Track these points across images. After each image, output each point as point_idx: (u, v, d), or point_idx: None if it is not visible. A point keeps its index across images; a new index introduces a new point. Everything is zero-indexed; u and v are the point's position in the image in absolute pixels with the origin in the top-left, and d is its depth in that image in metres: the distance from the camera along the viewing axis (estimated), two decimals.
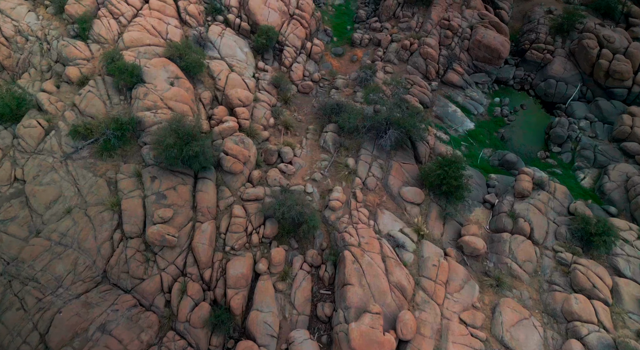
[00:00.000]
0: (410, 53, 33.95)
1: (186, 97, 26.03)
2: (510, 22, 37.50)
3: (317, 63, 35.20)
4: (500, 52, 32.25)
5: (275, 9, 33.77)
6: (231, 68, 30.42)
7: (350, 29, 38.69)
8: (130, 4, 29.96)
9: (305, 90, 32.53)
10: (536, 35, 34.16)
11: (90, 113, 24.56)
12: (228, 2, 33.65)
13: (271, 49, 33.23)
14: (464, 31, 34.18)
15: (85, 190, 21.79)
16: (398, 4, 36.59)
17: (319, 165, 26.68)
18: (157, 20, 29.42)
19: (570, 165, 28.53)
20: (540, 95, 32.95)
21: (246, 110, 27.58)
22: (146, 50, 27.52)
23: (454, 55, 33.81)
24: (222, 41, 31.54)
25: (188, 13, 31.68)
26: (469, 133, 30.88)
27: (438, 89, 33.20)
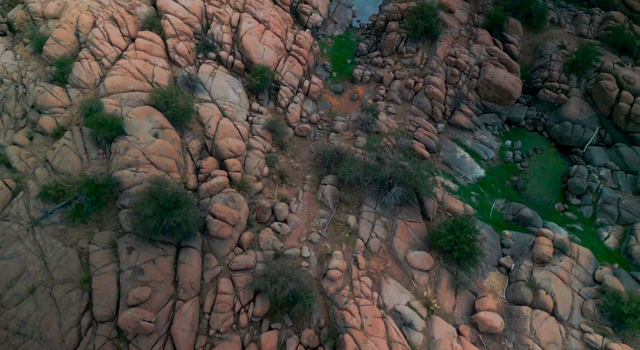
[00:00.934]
0: (415, 92, 31.82)
1: (171, 150, 23.77)
2: (520, 56, 35.47)
3: (316, 102, 33.07)
4: (512, 92, 30.11)
5: (271, 46, 31.76)
6: (223, 112, 28.25)
7: (351, 63, 36.68)
8: (115, 44, 27.93)
9: (303, 134, 30.32)
10: (549, 73, 32.05)
11: (64, 170, 22.27)
12: (221, 38, 31.65)
13: (266, 89, 31.14)
14: (472, 69, 32.10)
15: (53, 264, 19.36)
16: (401, 39, 34.59)
17: (317, 223, 24.28)
18: (142, 62, 27.33)
19: (591, 221, 26.12)
20: (555, 138, 30.71)
21: (238, 161, 25.30)
22: (129, 97, 25.36)
23: (462, 94, 31.68)
24: (213, 82, 29.43)
25: (177, 52, 29.63)
26: (480, 181, 28.55)
27: (445, 131, 30.97)
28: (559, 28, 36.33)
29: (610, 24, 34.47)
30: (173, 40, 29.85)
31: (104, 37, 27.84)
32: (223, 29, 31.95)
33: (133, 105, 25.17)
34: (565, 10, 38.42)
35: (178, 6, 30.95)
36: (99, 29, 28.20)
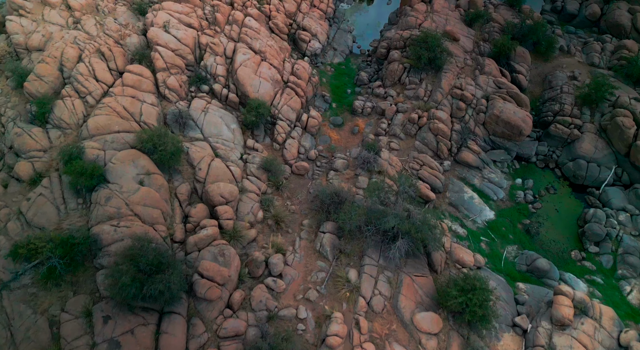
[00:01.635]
0: (419, 127, 30.12)
1: (157, 199, 21.96)
2: (529, 86, 33.88)
3: (314, 136, 31.37)
4: (522, 129, 28.40)
5: (267, 79, 30.17)
6: (215, 151, 26.53)
7: (351, 93, 35.08)
8: (101, 80, 26.33)
9: (300, 172, 28.56)
10: (560, 106, 30.40)
11: (39, 223, 20.45)
12: (214, 70, 30.09)
13: (262, 124, 29.48)
14: (479, 102, 30.46)
15: (20, 336, 17.40)
16: (404, 69, 33.03)
17: (315, 277, 22.34)
18: (130, 99, 25.69)
19: (612, 273, 24.16)
20: (569, 176, 28.91)
21: (229, 208, 23.47)
22: (114, 139, 23.64)
23: (468, 129, 29.98)
24: (206, 118, 27.77)
25: (167, 87, 28.02)
26: (489, 225, 26.67)
27: (451, 169, 29.19)
28: (569, 56, 34.79)
29: (623, 53, 32.94)
30: (163, 74, 28.27)
31: (89, 72, 26.26)
32: (217, 60, 30.43)
33: (118, 148, 23.45)
34: (574, 37, 36.95)
35: (169, 37, 29.47)
36: (85, 63, 26.65)
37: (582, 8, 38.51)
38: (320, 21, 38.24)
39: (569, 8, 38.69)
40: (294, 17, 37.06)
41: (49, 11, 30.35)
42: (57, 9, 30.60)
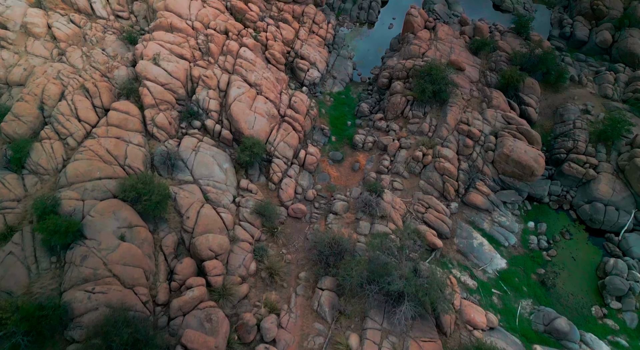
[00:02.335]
0: (424, 165, 28.33)
1: (139, 256, 20.02)
2: (539, 119, 32.17)
3: (312, 174, 29.56)
4: (534, 169, 26.60)
5: (263, 114, 28.48)
6: (205, 196, 24.69)
7: (352, 125, 33.37)
8: (83, 119, 24.60)
9: (297, 215, 26.68)
10: (574, 143, 28.63)
11: (6, 287, 18.50)
12: (207, 105, 28.41)
13: (257, 163, 27.71)
14: (487, 139, 28.71)
15: None
16: (407, 102, 31.35)
17: (312, 342, 20.26)
18: (114, 141, 23.91)
19: (637, 334, 22.10)
20: (585, 219, 27.00)
21: (219, 263, 21.54)
22: (95, 187, 21.81)
23: (476, 168, 28.17)
24: (196, 158, 25.99)
25: (156, 125, 26.29)
26: (501, 275, 24.68)
27: (458, 211, 27.30)
28: (580, 87, 33.14)
29: (638, 85, 31.27)
30: (152, 111, 26.57)
31: (71, 112, 24.56)
32: (210, 94, 28.77)
33: (98, 196, 21.60)
34: (585, 65, 35.35)
35: (159, 71, 27.83)
36: (67, 101, 24.96)
37: (592, 34, 37.01)
38: (320, 48, 36.74)
39: (578, 34, 37.18)
40: (292, 44, 35.57)
41: (32, 42, 28.81)
42: (42, 40, 29.07)
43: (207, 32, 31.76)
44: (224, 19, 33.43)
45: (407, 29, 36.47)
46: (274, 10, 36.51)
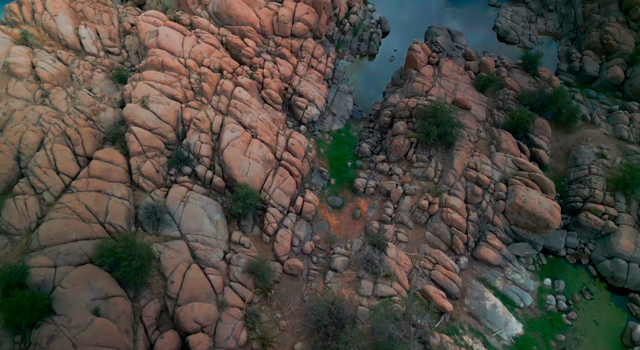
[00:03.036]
0: (430, 215, 26.40)
1: (114, 334, 17.87)
2: (551, 162, 30.37)
3: (310, 223, 27.56)
4: (549, 222, 24.64)
5: (258, 159, 26.71)
6: (193, 253, 22.66)
7: (352, 166, 31.57)
8: (62, 171, 22.77)
9: (294, 272, 24.59)
10: (590, 191, 26.74)
11: None
12: (198, 150, 26.67)
13: (251, 212, 25.81)
14: (497, 187, 26.82)
15: None
16: (410, 144, 29.62)
17: None
18: (94, 195, 22.05)
19: None
20: (606, 277, 24.89)
21: (205, 337, 19.37)
22: (69, 250, 19.82)
23: (486, 218, 26.21)
24: (185, 210, 24.07)
25: (142, 174, 24.49)
26: (518, 342, 22.42)
27: (468, 267, 25.21)
28: (593, 127, 31.45)
29: None
30: (138, 159, 24.80)
31: (49, 163, 22.80)
32: (202, 138, 27.06)
33: (73, 261, 19.61)
34: (597, 103, 33.74)
35: (148, 114, 26.18)
36: (46, 151, 23.23)
37: (602, 70, 35.54)
38: (319, 84, 35.26)
39: (588, 69, 35.71)
40: (290, 80, 34.08)
41: (14, 83, 27.28)
42: (25, 81, 27.55)
43: (201, 70, 30.28)
44: (218, 55, 32.03)
45: (410, 64, 35.04)
46: (271, 44, 35.18)
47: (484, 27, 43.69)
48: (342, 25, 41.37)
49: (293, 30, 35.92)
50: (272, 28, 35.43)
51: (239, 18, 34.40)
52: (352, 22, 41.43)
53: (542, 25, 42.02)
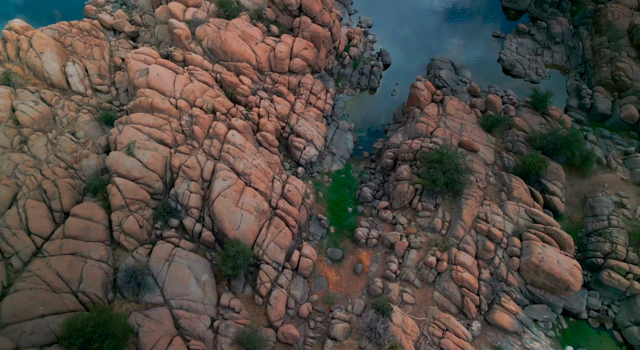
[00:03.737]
0: (438, 273, 24.26)
1: None
2: (566, 210, 28.37)
3: (307, 279, 25.39)
4: (570, 284, 22.46)
5: (251, 211, 24.71)
6: (176, 323, 20.37)
7: (353, 212, 29.57)
8: (34, 232, 20.65)
9: (288, 341, 22.24)
10: (611, 246, 24.68)
11: None
12: (187, 200, 24.71)
13: (242, 270, 23.67)
14: (510, 241, 24.74)
15: None
16: (415, 191, 27.69)
17: None
18: (68, 260, 19.93)
19: None
20: (634, 344, 22.58)
21: None
22: (35, 328, 17.42)
23: (500, 276, 24.04)
24: (170, 271, 21.91)
25: (124, 231, 22.43)
26: None
27: (482, 333, 22.90)
28: (610, 171, 29.60)
29: None
30: (120, 214, 22.79)
31: (20, 223, 20.77)
32: (191, 187, 25.13)
33: (38, 341, 17.38)
34: (611, 143, 31.99)
35: (133, 162, 24.31)
36: (18, 208, 21.23)
37: (615, 108, 33.93)
38: (317, 122, 33.56)
39: (600, 107, 34.09)
40: (287, 119, 32.40)
41: None
42: (2, 126, 25.79)
43: (193, 111, 28.59)
44: (212, 94, 30.42)
45: (413, 102, 33.44)
46: (268, 82, 33.63)
47: (488, 59, 42.37)
48: (342, 58, 40.02)
49: (291, 66, 34.45)
50: (269, 64, 33.95)
51: (235, 54, 32.96)
52: (352, 55, 40.08)
53: (549, 58, 40.66)
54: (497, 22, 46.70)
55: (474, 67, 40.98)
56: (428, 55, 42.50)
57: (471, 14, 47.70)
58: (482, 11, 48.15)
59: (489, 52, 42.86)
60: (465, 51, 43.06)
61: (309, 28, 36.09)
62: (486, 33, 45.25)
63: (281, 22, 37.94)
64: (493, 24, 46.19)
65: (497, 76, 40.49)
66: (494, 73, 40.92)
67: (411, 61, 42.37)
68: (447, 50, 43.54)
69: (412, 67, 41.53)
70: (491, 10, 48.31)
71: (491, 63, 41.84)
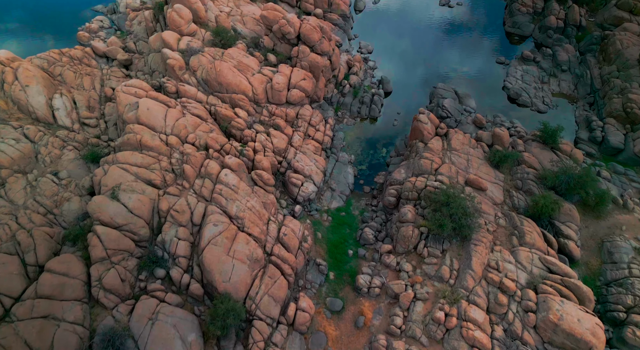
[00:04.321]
0: (447, 330, 22.28)
1: None
2: (582, 255, 26.54)
3: (304, 335, 23.37)
4: (592, 346, 20.45)
5: (244, 259, 22.86)
6: None
7: (354, 255, 27.70)
8: (3, 292, 18.74)
9: None
10: (634, 300, 22.79)
11: None
12: (174, 249, 22.88)
13: (233, 328, 21.71)
14: (525, 294, 22.79)
15: None
16: (420, 235, 25.91)
17: None
18: (39, 324, 18.01)
19: None
20: None
21: None
22: None
23: (514, 333, 22.03)
24: (152, 331, 19.94)
25: (104, 287, 20.54)
26: None
27: None
28: (626, 212, 27.87)
29: None
30: (100, 267, 20.96)
31: None
32: (179, 233, 23.33)
33: None
34: (625, 180, 30.31)
35: (117, 207, 22.61)
36: None
37: (628, 141, 32.40)
38: (316, 155, 31.98)
39: (612, 140, 32.55)
40: (284, 154, 30.83)
41: None
42: None
43: (184, 148, 27.06)
44: (205, 129, 28.92)
45: (416, 135, 31.91)
46: (265, 114, 32.19)
47: (492, 86, 41.08)
48: (341, 86, 38.73)
49: (288, 97, 33.08)
50: (265, 96, 32.59)
51: (230, 86, 31.60)
52: (352, 83, 38.80)
53: (556, 87, 39.37)
54: (501, 47, 45.69)
55: (478, 96, 39.63)
56: (430, 82, 41.25)
57: (474, 39, 46.71)
58: (485, 36, 47.18)
59: (493, 79, 41.62)
60: (468, 78, 41.82)
61: (308, 57, 34.84)
62: (489, 59, 44.13)
63: (279, 50, 36.76)
64: (496, 50, 45.15)
65: (502, 105, 39.16)
66: (499, 101, 39.60)
67: (413, 88, 41.05)
68: (449, 77, 42.35)
69: (414, 94, 40.22)
70: (494, 34, 47.36)
71: (496, 91, 40.57)
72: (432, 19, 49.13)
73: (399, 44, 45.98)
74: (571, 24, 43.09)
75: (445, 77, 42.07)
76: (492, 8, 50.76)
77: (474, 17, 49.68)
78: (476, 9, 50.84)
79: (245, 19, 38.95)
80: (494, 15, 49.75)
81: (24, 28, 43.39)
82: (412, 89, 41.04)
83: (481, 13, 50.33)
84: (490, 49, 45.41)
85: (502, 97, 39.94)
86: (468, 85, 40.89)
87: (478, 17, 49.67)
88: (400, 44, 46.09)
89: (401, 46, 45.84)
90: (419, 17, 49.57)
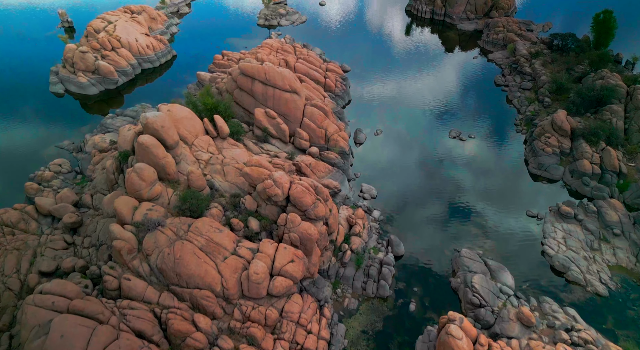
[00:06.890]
0: None
1: None
2: None
3: None
4: None
5: None
6: None
7: None
8: None
9: None
10: None
11: None
12: None
13: None
14: None
15: None
16: None
17: None
18: None
19: None
20: None
21: None
22: None
23: None
24: None
25: None
26: None
27: None
28: None
29: None
30: None
31: None
32: None
33: None
34: None
35: None
36: None
37: None
38: None
39: None
40: None
41: None
42: None
43: None
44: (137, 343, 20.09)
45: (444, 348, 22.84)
46: (237, 316, 23.62)
47: (528, 250, 32.76)
48: (341, 252, 30.86)
49: (270, 289, 24.78)
50: (239, 289, 24.36)
51: (192, 278, 23.61)
52: (354, 248, 31.03)
53: (611, 256, 31.34)
54: (528, 191, 38.76)
55: (512, 264, 31.51)
56: (448, 239, 33.57)
57: (497, 183, 39.86)
58: (508, 178, 40.59)
59: (527, 240, 33.79)
60: (495, 240, 33.86)
61: (298, 228, 27.44)
62: (518, 210, 36.49)
63: (264, 213, 29.56)
64: (524, 198, 38.01)
65: (546, 281, 30.54)
66: (540, 274, 31.08)
67: (429, 250, 33.07)
68: (470, 233, 34.46)
69: (432, 262, 32.06)
70: (517, 177, 40.73)
71: (533, 257, 32.30)
72: (442, 154, 43.41)
73: (406, 184, 39.29)
74: (609, 170, 36.92)
75: (466, 234, 34.22)
76: (510, 144, 45.09)
77: (491, 154, 43.82)
78: (492, 144, 45.21)
79: (227, 168, 32.67)
80: (513, 152, 43.87)
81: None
82: (428, 251, 33.03)
83: (497, 149, 44.60)
84: (516, 195, 38.29)
85: (542, 267, 31.55)
86: (498, 249, 32.92)
87: (495, 153, 43.85)
88: (407, 183, 39.45)
89: (409, 187, 39.08)
90: (428, 152, 43.84)
